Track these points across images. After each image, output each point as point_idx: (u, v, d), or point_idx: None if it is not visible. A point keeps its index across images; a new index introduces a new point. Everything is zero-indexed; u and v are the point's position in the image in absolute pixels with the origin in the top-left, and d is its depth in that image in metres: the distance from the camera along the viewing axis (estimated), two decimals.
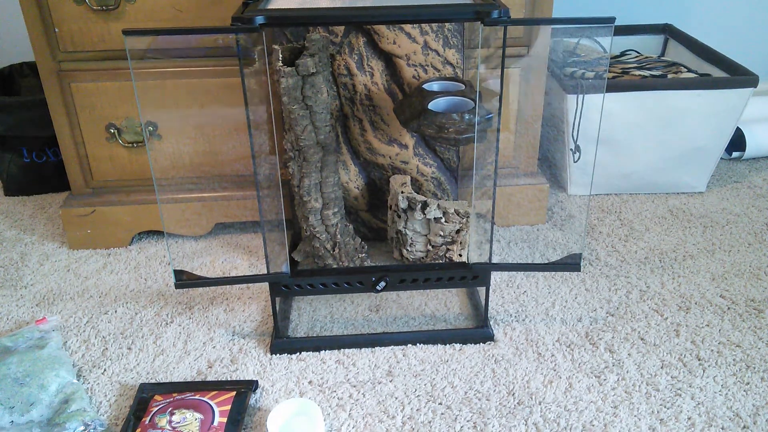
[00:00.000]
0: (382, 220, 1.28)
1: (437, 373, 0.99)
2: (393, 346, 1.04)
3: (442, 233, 1.15)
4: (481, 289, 1.08)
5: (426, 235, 1.18)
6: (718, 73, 1.48)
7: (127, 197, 1.30)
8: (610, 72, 1.56)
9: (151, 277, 1.23)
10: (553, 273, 1.21)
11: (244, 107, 0.89)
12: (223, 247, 1.33)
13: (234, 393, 0.93)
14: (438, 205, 1.14)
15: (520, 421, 0.90)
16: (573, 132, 1.39)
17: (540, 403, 0.93)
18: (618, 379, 0.97)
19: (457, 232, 1.15)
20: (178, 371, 1.00)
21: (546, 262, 1.26)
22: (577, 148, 1.41)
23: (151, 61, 1.19)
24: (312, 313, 1.13)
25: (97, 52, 1.18)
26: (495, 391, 0.95)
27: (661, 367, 0.99)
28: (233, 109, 1.23)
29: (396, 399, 0.94)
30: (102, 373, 1.00)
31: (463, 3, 0.91)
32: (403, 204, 1.16)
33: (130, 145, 1.26)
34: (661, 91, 1.37)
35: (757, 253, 1.27)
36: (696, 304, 1.13)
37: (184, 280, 1.00)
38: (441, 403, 0.93)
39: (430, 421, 0.90)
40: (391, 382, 0.97)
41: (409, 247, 1.19)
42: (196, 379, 0.99)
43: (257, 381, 0.97)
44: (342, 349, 1.03)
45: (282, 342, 1.04)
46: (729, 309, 1.11)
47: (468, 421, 0.90)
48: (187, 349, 1.05)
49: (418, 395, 0.95)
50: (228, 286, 1.20)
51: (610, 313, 1.11)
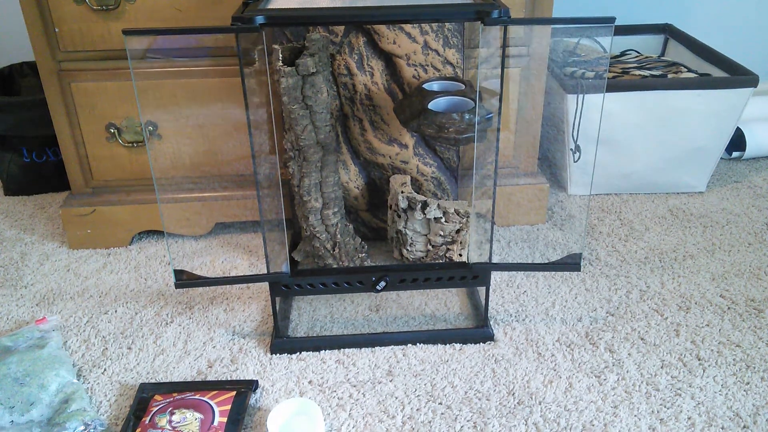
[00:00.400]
0: (382, 219, 1.28)
1: (437, 372, 0.99)
2: (393, 346, 1.04)
3: (442, 233, 1.15)
4: (481, 289, 1.09)
5: (426, 235, 1.18)
6: (718, 73, 1.48)
7: (127, 197, 1.30)
8: (610, 72, 1.56)
9: (151, 277, 1.23)
10: (553, 273, 1.21)
11: (244, 107, 0.89)
12: (223, 246, 1.33)
13: (234, 393, 0.93)
14: (438, 204, 1.14)
15: (520, 421, 0.90)
16: (573, 132, 1.39)
17: (540, 403, 0.93)
18: (618, 379, 0.97)
19: (457, 231, 1.15)
20: (178, 371, 1.00)
21: (546, 262, 1.26)
22: (577, 148, 1.41)
23: (151, 60, 1.19)
24: (312, 313, 1.13)
25: (97, 51, 1.18)
26: (495, 390, 0.95)
27: (661, 367, 0.99)
28: (233, 108, 1.24)
29: (396, 399, 0.94)
30: (102, 373, 1.00)
31: (463, 3, 0.91)
32: (403, 204, 1.16)
33: (130, 144, 1.26)
34: (661, 91, 1.37)
35: (757, 252, 1.27)
36: (696, 303, 1.13)
37: (184, 279, 1.00)
38: (441, 403, 0.93)
39: (430, 421, 0.90)
40: (391, 381, 0.97)
41: (409, 247, 1.19)
42: (196, 379, 0.99)
43: (257, 381, 0.97)
44: (342, 349, 1.04)
45: (282, 342, 1.04)
46: (729, 309, 1.11)
47: (468, 420, 0.90)
48: (187, 348, 1.05)
49: (418, 395, 0.95)
50: (228, 286, 1.20)
51: (610, 312, 1.11)
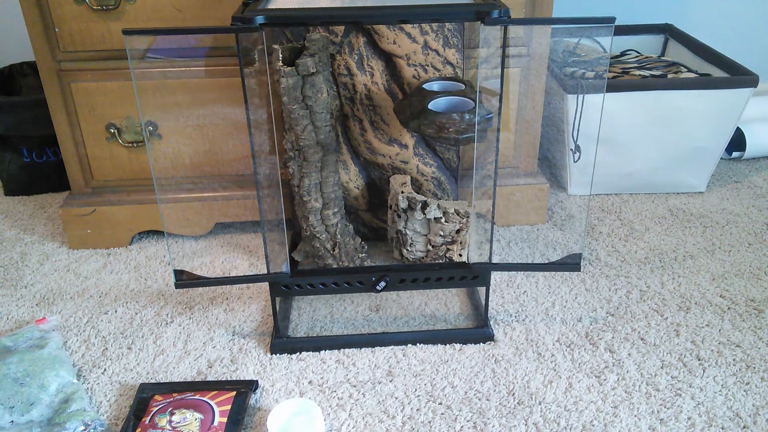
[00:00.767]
0: (382, 219, 1.28)
1: (437, 373, 0.99)
2: (393, 346, 1.04)
3: (442, 233, 1.15)
4: (481, 289, 1.08)
5: (426, 235, 1.18)
6: (718, 73, 1.48)
7: (127, 197, 1.30)
8: (610, 72, 1.56)
9: (151, 277, 1.23)
10: (553, 273, 1.21)
11: (244, 107, 0.89)
12: (223, 246, 1.33)
13: (234, 393, 0.93)
14: (438, 204, 1.14)
15: (520, 421, 0.90)
16: (573, 132, 1.39)
17: (540, 403, 0.93)
18: (618, 379, 0.97)
19: (457, 231, 1.15)
20: (178, 371, 1.00)
21: (546, 262, 1.26)
22: (577, 148, 1.41)
23: (151, 60, 1.19)
24: (312, 313, 1.13)
25: (98, 51, 1.18)
26: (495, 391, 0.95)
27: (661, 367, 0.99)
28: (233, 108, 1.24)
29: (396, 399, 0.94)
30: (102, 373, 1.00)
31: (464, 3, 0.91)
32: (403, 204, 1.16)
33: (130, 144, 1.26)
34: (661, 91, 1.37)
35: (757, 253, 1.27)
36: (696, 304, 1.13)
37: (184, 279, 1.00)
38: (441, 403, 0.93)
39: (430, 421, 0.90)
40: (391, 382, 0.97)
41: (409, 247, 1.19)
42: (196, 379, 0.99)
43: (257, 381, 0.97)
44: (342, 349, 1.03)
45: (282, 342, 1.04)
46: (729, 309, 1.11)
47: (468, 421, 0.90)
48: (187, 348, 1.05)
49: (418, 395, 0.95)
50: (228, 286, 1.20)
51: (610, 313, 1.11)
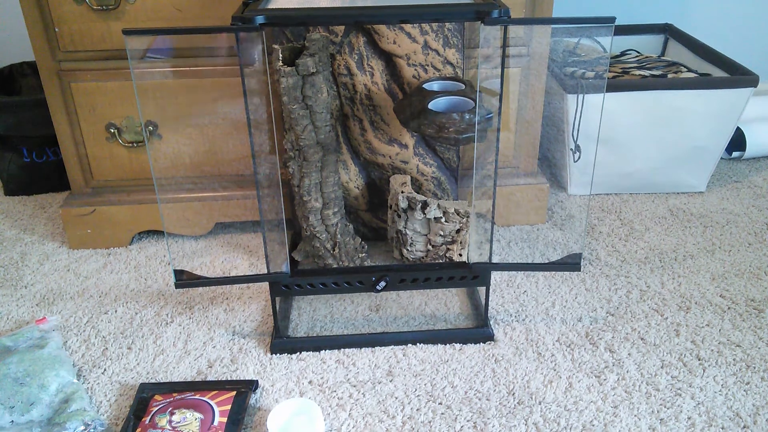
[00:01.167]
0: (382, 219, 1.28)
1: (437, 372, 0.99)
2: (393, 346, 1.04)
3: (442, 233, 1.15)
4: (481, 289, 1.08)
5: (426, 235, 1.18)
6: (718, 72, 1.48)
7: (127, 197, 1.30)
8: (610, 72, 1.56)
9: (151, 277, 1.23)
10: (553, 273, 1.21)
11: (244, 107, 0.89)
12: (223, 246, 1.33)
13: (234, 393, 0.93)
14: (438, 204, 1.14)
15: (520, 421, 0.90)
16: (573, 132, 1.39)
17: (540, 403, 0.93)
18: (618, 379, 0.97)
19: (457, 231, 1.15)
20: (178, 371, 1.00)
21: (546, 261, 1.26)
22: (578, 148, 1.41)
23: (151, 60, 1.19)
24: (312, 313, 1.13)
25: (98, 51, 1.18)
26: (495, 390, 0.95)
27: (661, 367, 0.99)
28: (233, 108, 1.23)
29: (396, 399, 0.94)
30: (102, 373, 1.00)
31: (464, 3, 0.90)
32: (403, 204, 1.16)
33: (130, 144, 1.26)
34: (661, 91, 1.37)
35: (757, 252, 1.27)
36: (696, 303, 1.13)
37: (184, 279, 1.00)
38: (441, 403, 0.93)
39: (430, 421, 0.90)
40: (391, 381, 0.97)
41: (409, 247, 1.19)
42: (196, 379, 0.99)
43: (257, 381, 0.97)
44: (342, 349, 1.03)
45: (282, 342, 1.04)
46: (729, 309, 1.11)
47: (468, 420, 0.90)
48: (187, 348, 1.05)
49: (418, 395, 0.95)
50: (228, 286, 1.20)
51: (610, 312, 1.11)
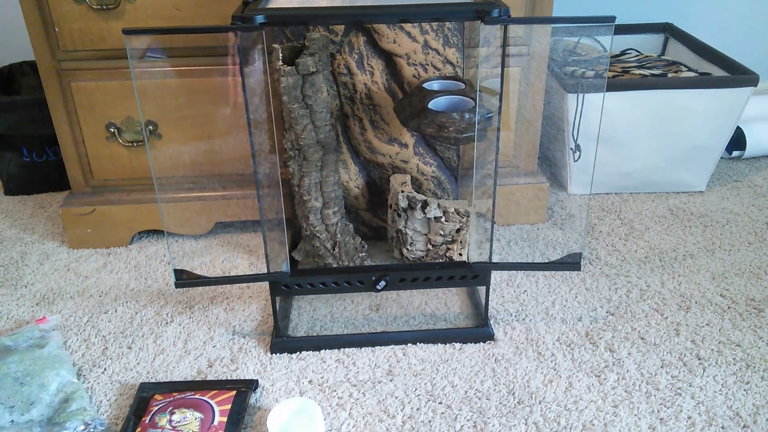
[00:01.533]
0: (383, 219, 1.28)
1: (437, 372, 0.99)
2: (393, 346, 1.04)
3: (442, 232, 1.15)
4: (481, 289, 1.08)
5: (426, 234, 1.18)
6: (718, 72, 1.48)
7: (127, 196, 1.30)
8: (610, 71, 1.56)
9: (151, 277, 1.23)
10: (553, 272, 1.21)
11: (244, 106, 0.89)
12: (223, 246, 1.33)
13: (234, 392, 0.93)
14: (438, 204, 1.14)
15: (520, 421, 0.90)
16: (573, 131, 1.39)
17: (540, 403, 0.93)
18: (618, 379, 0.97)
19: (458, 231, 1.15)
20: (178, 370, 1.00)
21: (546, 261, 1.26)
22: (578, 147, 1.41)
23: (152, 60, 1.19)
24: (312, 313, 1.13)
25: (97, 51, 1.18)
26: (495, 390, 0.95)
27: (661, 367, 0.99)
28: (233, 108, 1.23)
29: (396, 398, 0.94)
30: (102, 373, 1.00)
31: (464, 2, 0.90)
32: (403, 203, 1.16)
33: (130, 144, 1.26)
34: (661, 90, 1.37)
35: (757, 252, 1.27)
36: (696, 303, 1.13)
37: (184, 279, 1.00)
38: (441, 403, 0.93)
39: (430, 421, 0.90)
40: (391, 381, 0.97)
41: (409, 247, 1.19)
42: (197, 379, 0.99)
43: (257, 380, 0.97)
44: (342, 349, 1.03)
45: (282, 341, 1.04)
46: (729, 308, 1.11)
47: (468, 420, 0.90)
48: (187, 348, 1.05)
49: (419, 394, 0.95)
50: (228, 286, 1.20)
51: (610, 312, 1.11)
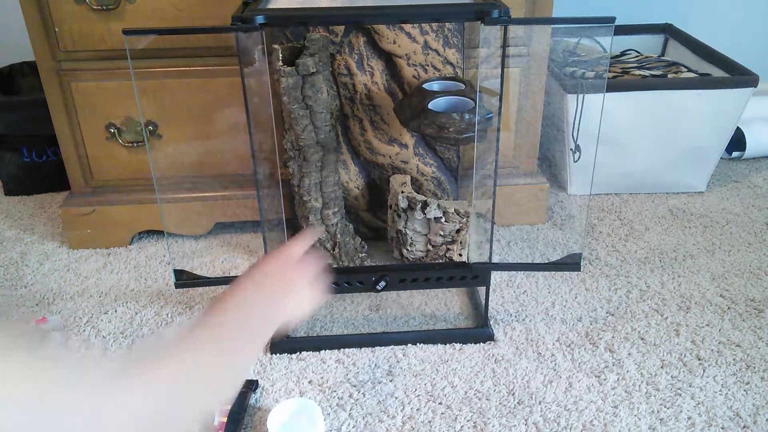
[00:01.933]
0: (382, 219, 1.28)
1: (437, 372, 0.99)
2: (393, 346, 1.04)
3: (442, 233, 1.15)
4: (481, 289, 1.08)
5: (426, 235, 1.18)
6: (718, 72, 1.48)
7: (127, 197, 1.30)
8: (610, 71, 1.56)
9: (151, 277, 1.23)
10: (553, 273, 1.21)
11: (244, 107, 0.89)
12: (223, 246, 1.33)
13: None
14: (438, 204, 1.14)
15: (520, 421, 0.90)
16: (573, 132, 1.39)
17: (540, 403, 0.93)
18: (618, 379, 0.97)
19: (457, 231, 1.15)
20: None
21: (546, 261, 1.26)
22: (577, 148, 1.41)
23: (151, 60, 1.19)
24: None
25: (97, 51, 1.18)
26: (495, 390, 0.95)
27: (661, 367, 0.99)
28: (233, 108, 1.23)
29: (396, 399, 0.94)
30: None
31: (464, 2, 0.91)
32: (403, 203, 1.16)
33: (130, 144, 1.26)
34: (661, 91, 1.37)
35: (757, 252, 1.27)
36: (696, 303, 1.13)
37: (184, 279, 1.00)
38: (441, 403, 0.93)
39: (430, 421, 0.90)
40: (391, 381, 0.97)
41: (409, 247, 1.19)
42: None
43: (257, 380, 0.97)
44: (342, 349, 1.03)
45: (282, 341, 1.04)
46: (729, 309, 1.11)
47: (468, 420, 0.90)
48: None
49: (418, 395, 0.95)
50: (228, 286, 1.20)
51: (610, 312, 1.11)
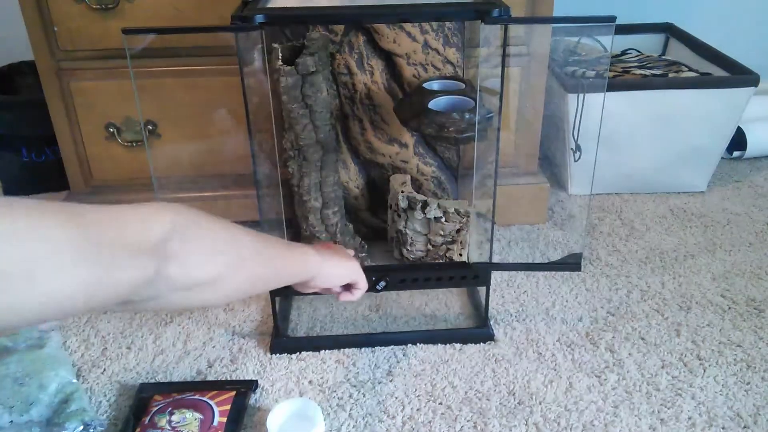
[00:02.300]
0: (382, 219, 1.28)
1: (437, 372, 0.99)
2: (393, 346, 1.04)
3: (442, 233, 1.15)
4: (482, 289, 1.08)
5: (426, 235, 1.18)
6: (719, 72, 1.48)
7: (126, 196, 1.30)
8: (610, 71, 1.56)
9: None
10: (554, 272, 1.21)
11: (243, 106, 0.89)
12: None
13: (234, 393, 0.92)
14: (438, 204, 1.13)
15: (521, 421, 0.90)
16: (573, 131, 1.39)
17: (540, 403, 0.93)
18: (618, 379, 0.97)
19: (458, 231, 1.15)
20: (177, 371, 1.00)
21: (546, 261, 1.26)
22: (578, 148, 1.40)
23: (151, 59, 1.18)
24: (312, 313, 1.12)
25: (97, 50, 1.18)
26: (495, 390, 0.95)
27: (662, 367, 0.99)
28: (233, 108, 1.23)
29: (396, 399, 0.94)
30: (101, 373, 1.00)
31: (464, 2, 0.90)
32: (403, 203, 1.15)
33: (130, 144, 1.26)
34: (661, 91, 1.37)
35: (758, 252, 1.27)
36: (697, 303, 1.13)
37: None
38: (441, 403, 0.93)
39: (430, 421, 0.90)
40: (391, 381, 0.97)
41: (409, 247, 1.19)
42: (196, 379, 0.99)
43: (257, 381, 0.97)
44: (342, 349, 1.03)
45: (282, 342, 1.04)
46: (730, 309, 1.11)
47: (468, 420, 0.90)
48: (186, 348, 1.05)
49: (419, 395, 0.94)
50: None
51: (610, 312, 1.11)
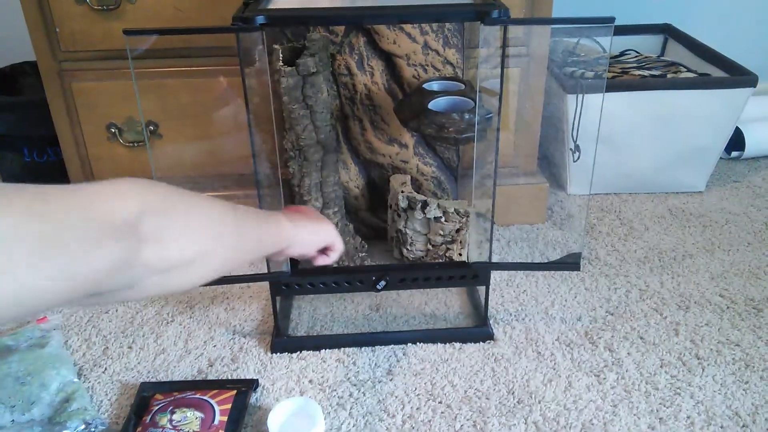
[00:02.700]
0: (382, 219, 1.28)
1: (437, 371, 0.99)
2: (393, 345, 1.04)
3: (442, 232, 1.16)
4: (481, 288, 1.09)
5: (426, 235, 1.18)
6: (717, 72, 1.48)
7: None
8: (609, 72, 1.56)
9: None
10: (553, 272, 1.21)
11: (244, 107, 0.89)
12: None
13: (235, 392, 0.93)
14: (438, 204, 1.14)
15: (520, 420, 0.90)
16: (573, 131, 1.39)
17: (540, 402, 0.93)
18: (617, 378, 0.97)
19: (457, 231, 1.15)
20: (178, 370, 1.01)
21: (546, 261, 1.26)
22: (577, 148, 1.41)
23: (152, 60, 1.19)
24: (312, 312, 1.13)
25: (98, 51, 1.19)
26: (495, 389, 0.95)
27: (661, 366, 0.99)
28: (234, 108, 1.24)
29: (396, 398, 0.94)
30: (103, 372, 1.00)
31: (463, 3, 0.91)
32: (403, 203, 1.16)
33: (131, 144, 1.26)
34: (660, 91, 1.37)
35: (756, 252, 1.27)
36: (695, 303, 1.13)
37: None
38: (441, 402, 0.93)
39: (430, 420, 0.90)
40: (391, 380, 0.98)
41: (409, 247, 1.19)
42: (197, 378, 0.99)
43: (258, 380, 0.97)
44: (342, 348, 1.04)
45: (282, 341, 1.04)
46: (728, 308, 1.12)
47: (468, 419, 0.90)
48: (187, 347, 1.05)
49: (418, 394, 0.95)
50: (228, 285, 1.20)
51: (609, 312, 1.11)
